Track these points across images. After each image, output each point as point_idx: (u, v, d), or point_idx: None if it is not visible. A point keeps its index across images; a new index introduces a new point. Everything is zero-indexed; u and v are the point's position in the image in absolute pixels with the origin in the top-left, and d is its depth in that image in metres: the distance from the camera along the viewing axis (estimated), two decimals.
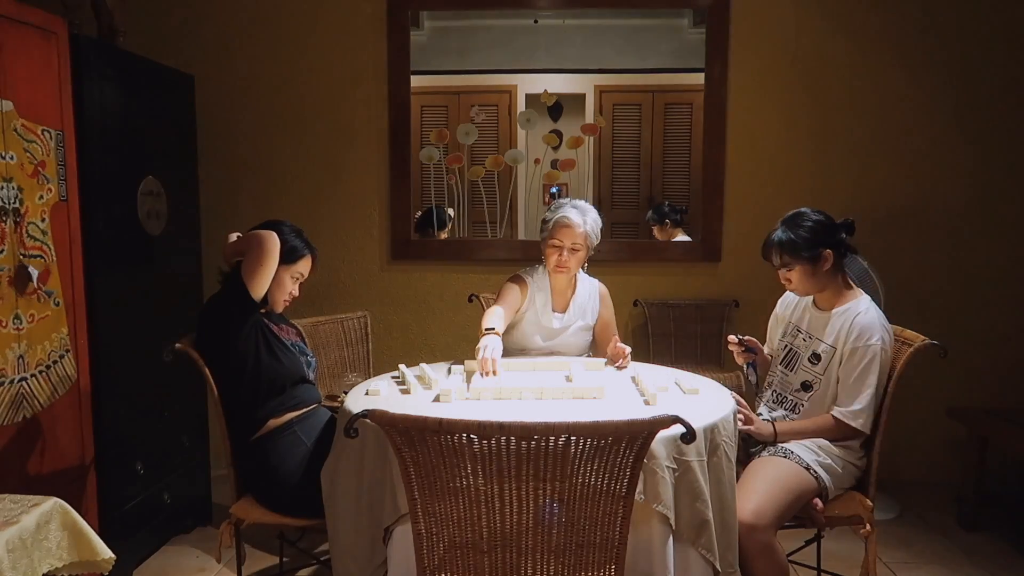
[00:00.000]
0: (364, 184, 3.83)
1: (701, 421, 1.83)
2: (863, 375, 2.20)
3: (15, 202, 2.29)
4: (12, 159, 2.27)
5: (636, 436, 1.46)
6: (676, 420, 1.46)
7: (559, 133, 4.54)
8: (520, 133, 4.51)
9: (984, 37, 3.63)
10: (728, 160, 3.75)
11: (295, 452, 2.20)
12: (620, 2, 4.10)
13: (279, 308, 2.38)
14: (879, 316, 2.25)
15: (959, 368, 3.61)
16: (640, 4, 4.13)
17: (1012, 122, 3.66)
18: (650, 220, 4.55)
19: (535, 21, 4.71)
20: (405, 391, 2.21)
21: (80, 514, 1.82)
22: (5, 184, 2.25)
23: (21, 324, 2.31)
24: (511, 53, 4.75)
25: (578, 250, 2.67)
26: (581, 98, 5.02)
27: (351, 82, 3.77)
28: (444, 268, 3.87)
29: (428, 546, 1.56)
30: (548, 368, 2.49)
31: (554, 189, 4.64)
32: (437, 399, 2.10)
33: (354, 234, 3.85)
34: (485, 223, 4.19)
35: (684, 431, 1.48)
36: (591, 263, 2.90)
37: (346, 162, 3.82)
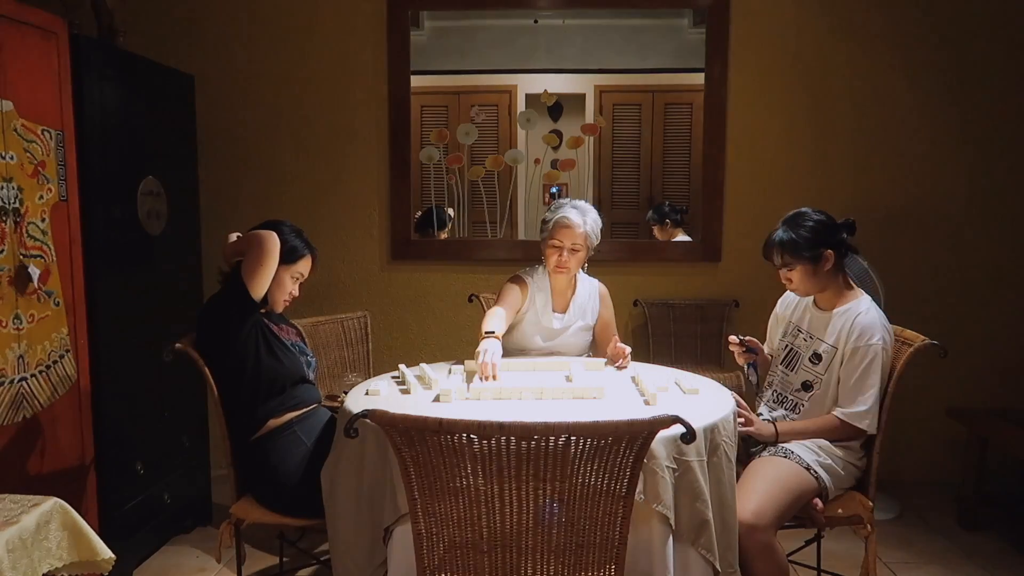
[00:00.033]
0: (364, 184, 3.82)
1: (701, 421, 1.83)
2: (865, 375, 2.20)
3: (15, 202, 2.29)
4: (12, 159, 2.27)
5: (636, 436, 1.46)
6: (676, 420, 1.46)
7: (559, 133, 4.54)
8: (520, 133, 4.51)
9: (984, 37, 3.63)
10: (728, 160, 3.75)
11: (295, 452, 2.20)
12: (620, 2, 4.10)
13: (279, 308, 2.38)
14: (880, 316, 2.26)
15: (959, 368, 3.61)
16: (640, 4, 4.13)
17: (1012, 122, 3.66)
18: (650, 220, 4.55)
19: (535, 21, 4.71)
20: (405, 391, 2.21)
21: (80, 514, 1.81)
22: (5, 184, 2.25)
23: (21, 324, 2.31)
24: (511, 53, 4.75)
25: (578, 250, 2.67)
26: (581, 98, 5.02)
27: (351, 82, 3.77)
28: (444, 268, 3.87)
29: (428, 546, 1.56)
30: (548, 368, 2.49)
31: (554, 189, 4.64)
32: (437, 399, 2.10)
33: (354, 234, 3.85)
34: (485, 223, 4.18)
35: (684, 431, 1.49)
36: (591, 263, 2.90)
37: (346, 162, 3.81)
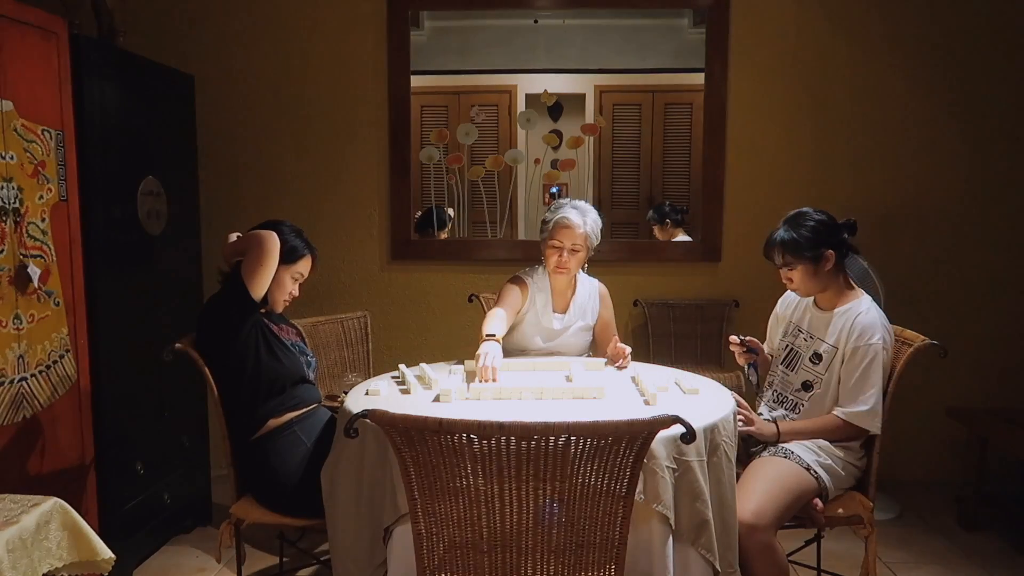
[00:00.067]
0: (364, 184, 3.82)
1: (701, 421, 1.83)
2: (865, 374, 2.20)
3: (15, 202, 2.29)
4: (12, 159, 2.27)
5: (636, 436, 1.46)
6: (676, 420, 1.46)
7: (559, 133, 4.54)
8: (520, 133, 4.51)
9: (984, 37, 3.63)
10: (728, 160, 3.75)
11: (295, 452, 2.20)
12: (620, 2, 4.10)
13: (279, 308, 2.38)
14: (880, 316, 2.26)
15: (959, 368, 3.61)
16: (640, 4, 4.13)
17: (1012, 122, 3.66)
18: (650, 220, 4.55)
19: (535, 21, 4.71)
20: (405, 391, 2.21)
21: (80, 514, 1.82)
22: (5, 184, 2.25)
23: (21, 324, 2.31)
24: (511, 53, 4.75)
25: (578, 251, 2.67)
26: (581, 98, 5.02)
27: (351, 82, 3.77)
28: (444, 268, 3.87)
29: (428, 546, 1.56)
30: (548, 368, 2.49)
31: (554, 189, 4.64)
32: (437, 399, 2.10)
33: (354, 234, 3.85)
34: (485, 223, 4.18)
35: (684, 431, 1.49)
36: (591, 263, 2.90)
37: (346, 162, 3.81)
